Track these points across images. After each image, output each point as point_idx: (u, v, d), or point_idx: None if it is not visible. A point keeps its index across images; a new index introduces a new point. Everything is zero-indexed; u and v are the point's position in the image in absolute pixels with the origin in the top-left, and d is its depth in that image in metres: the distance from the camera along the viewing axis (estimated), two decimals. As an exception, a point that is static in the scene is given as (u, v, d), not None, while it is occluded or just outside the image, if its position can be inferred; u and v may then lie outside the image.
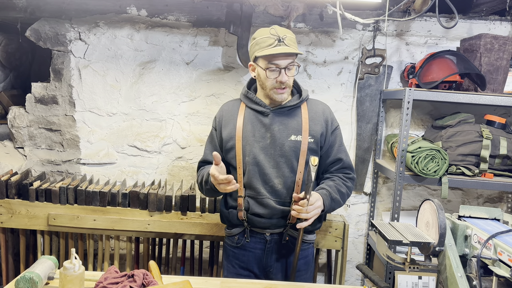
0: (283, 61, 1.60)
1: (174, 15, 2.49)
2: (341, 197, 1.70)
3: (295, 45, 1.65)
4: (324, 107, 1.77)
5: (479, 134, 2.19)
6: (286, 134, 1.67)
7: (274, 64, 1.60)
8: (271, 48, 1.58)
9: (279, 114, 1.70)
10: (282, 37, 1.59)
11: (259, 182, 1.67)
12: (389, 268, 2.22)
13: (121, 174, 2.63)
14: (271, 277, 1.75)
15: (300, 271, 1.75)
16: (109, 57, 2.52)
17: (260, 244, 1.73)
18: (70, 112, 2.56)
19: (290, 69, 1.63)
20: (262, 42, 1.61)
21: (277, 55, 1.59)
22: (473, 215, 1.34)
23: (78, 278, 1.28)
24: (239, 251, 1.76)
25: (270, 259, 1.73)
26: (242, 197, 1.69)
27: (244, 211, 1.70)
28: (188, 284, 1.32)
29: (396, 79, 2.57)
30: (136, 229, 2.24)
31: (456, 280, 1.15)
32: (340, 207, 1.74)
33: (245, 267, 1.75)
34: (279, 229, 1.70)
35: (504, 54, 2.19)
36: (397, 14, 2.43)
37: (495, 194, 2.70)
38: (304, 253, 1.75)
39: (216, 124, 1.79)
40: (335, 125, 1.77)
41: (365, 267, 1.48)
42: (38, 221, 2.24)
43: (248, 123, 1.70)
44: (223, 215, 1.78)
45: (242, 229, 1.74)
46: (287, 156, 1.66)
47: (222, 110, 1.80)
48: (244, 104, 1.75)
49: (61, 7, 2.43)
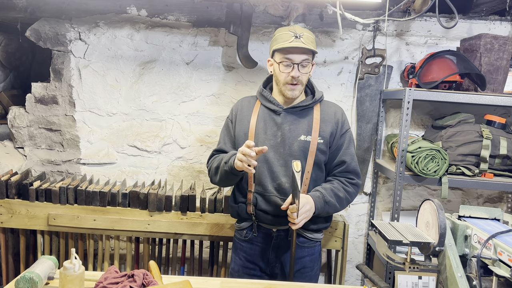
0: (297, 57, 1.64)
1: (174, 15, 2.49)
2: (338, 201, 1.70)
3: (313, 44, 1.68)
4: (336, 109, 1.80)
5: (479, 134, 2.19)
6: (296, 134, 1.70)
7: (288, 59, 1.65)
8: (287, 42, 1.64)
9: (291, 114, 1.73)
10: (300, 34, 1.65)
11: (267, 179, 1.71)
12: (389, 268, 2.22)
13: (121, 174, 2.63)
14: (276, 272, 1.77)
15: (306, 268, 1.78)
16: (109, 57, 2.52)
17: (267, 239, 1.76)
18: (70, 112, 2.56)
19: (305, 66, 1.66)
20: (280, 38, 1.68)
21: (292, 50, 1.64)
22: (473, 215, 1.34)
23: (78, 278, 1.27)
24: (246, 244, 1.80)
25: (275, 255, 1.76)
26: (252, 192, 1.73)
27: (253, 205, 1.74)
28: (188, 284, 1.32)
29: (396, 79, 2.57)
30: (136, 229, 2.24)
31: (456, 280, 1.15)
32: (336, 211, 1.74)
33: (251, 261, 1.79)
34: (285, 226, 1.72)
35: (504, 54, 2.19)
36: (397, 14, 2.43)
37: (495, 194, 2.70)
38: (311, 250, 1.78)
39: (232, 116, 1.83)
40: (346, 127, 1.78)
41: (365, 267, 1.48)
42: (38, 221, 2.24)
43: (261, 121, 1.74)
44: (233, 209, 1.82)
45: (250, 224, 1.78)
46: (295, 156, 1.68)
47: (240, 104, 1.84)
48: (260, 101, 1.79)
49: (61, 7, 2.43)
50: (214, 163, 1.77)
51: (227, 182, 1.78)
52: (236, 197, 1.81)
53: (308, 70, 1.69)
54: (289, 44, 1.63)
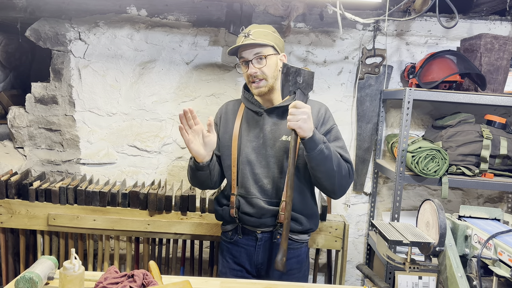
0: (248, 53, 1.65)
1: (174, 15, 2.49)
2: (335, 159, 1.58)
3: (265, 37, 1.66)
4: (320, 106, 1.75)
5: (479, 134, 2.19)
6: (278, 135, 1.68)
7: (242, 58, 1.67)
8: (238, 44, 1.66)
9: (273, 115, 1.71)
10: (248, 32, 1.66)
11: (249, 181, 1.69)
12: (389, 268, 2.21)
13: (121, 174, 2.62)
14: (262, 273, 1.77)
15: (293, 270, 1.76)
16: (109, 57, 2.52)
17: (252, 241, 1.75)
18: (70, 112, 2.55)
19: (259, 60, 1.65)
20: (236, 42, 1.71)
21: (242, 49, 1.66)
22: (473, 215, 1.34)
23: (78, 278, 1.27)
24: (232, 246, 1.79)
25: (261, 256, 1.75)
26: (235, 195, 1.73)
27: (236, 208, 1.73)
28: (188, 284, 1.32)
29: (396, 79, 2.57)
30: (136, 229, 2.24)
31: (456, 280, 1.15)
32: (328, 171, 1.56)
33: (237, 263, 1.79)
34: (269, 228, 1.72)
35: (504, 54, 2.19)
36: (397, 14, 2.43)
37: (495, 194, 2.70)
38: (296, 252, 1.76)
39: (217, 119, 1.83)
40: (331, 123, 1.72)
41: (365, 267, 1.48)
42: (38, 221, 2.24)
43: (244, 123, 1.74)
44: (217, 212, 1.83)
45: (234, 226, 1.78)
46: (277, 157, 1.67)
47: (225, 107, 1.84)
48: (244, 104, 1.78)
49: (61, 7, 2.43)
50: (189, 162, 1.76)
51: (195, 180, 1.72)
52: (220, 199, 1.81)
53: (264, 64, 1.64)
54: (238, 44, 1.66)
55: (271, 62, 1.66)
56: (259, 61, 1.65)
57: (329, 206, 2.43)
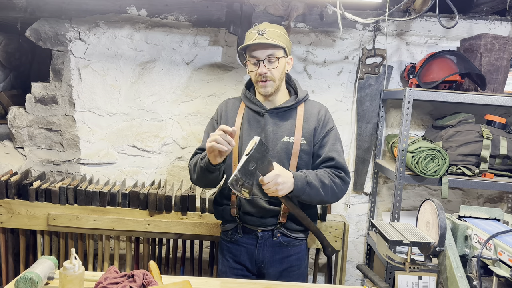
0: (261, 53, 1.64)
1: (174, 15, 2.49)
2: (322, 187, 1.61)
3: (279, 38, 1.65)
4: (320, 107, 1.77)
5: (479, 134, 2.19)
6: (279, 135, 1.68)
7: (253, 57, 1.66)
8: (251, 41, 1.65)
9: (275, 115, 1.72)
10: (262, 30, 1.64)
11: None
12: (389, 268, 2.21)
13: (121, 174, 2.62)
14: (263, 272, 1.77)
15: (293, 267, 1.77)
16: (109, 57, 2.52)
17: (252, 240, 1.75)
18: (70, 112, 2.55)
19: (271, 61, 1.64)
20: (247, 38, 1.69)
21: (255, 47, 1.64)
22: (473, 215, 1.34)
23: (78, 278, 1.27)
24: (232, 245, 1.79)
25: (262, 255, 1.75)
26: (236, 194, 1.71)
27: (237, 208, 1.74)
28: (188, 284, 1.32)
29: (396, 79, 2.57)
30: (136, 229, 2.24)
31: (456, 280, 1.15)
32: (321, 199, 1.64)
33: (238, 261, 1.79)
34: (270, 227, 1.73)
35: (504, 54, 2.19)
36: (397, 14, 2.43)
37: (495, 194, 2.70)
38: (296, 249, 1.78)
39: (217, 117, 1.82)
40: (330, 125, 1.74)
41: (365, 267, 1.48)
42: (38, 221, 2.24)
43: (245, 122, 1.73)
44: (217, 211, 1.83)
45: (235, 225, 1.78)
46: (278, 157, 1.67)
47: (224, 105, 1.83)
48: (244, 103, 1.78)
49: (61, 7, 2.43)
50: (193, 161, 1.75)
51: (204, 180, 1.72)
52: (220, 199, 1.81)
53: (276, 65, 1.64)
54: (251, 42, 1.63)
55: (281, 65, 1.67)
56: (270, 62, 1.64)
57: (329, 206, 2.43)
